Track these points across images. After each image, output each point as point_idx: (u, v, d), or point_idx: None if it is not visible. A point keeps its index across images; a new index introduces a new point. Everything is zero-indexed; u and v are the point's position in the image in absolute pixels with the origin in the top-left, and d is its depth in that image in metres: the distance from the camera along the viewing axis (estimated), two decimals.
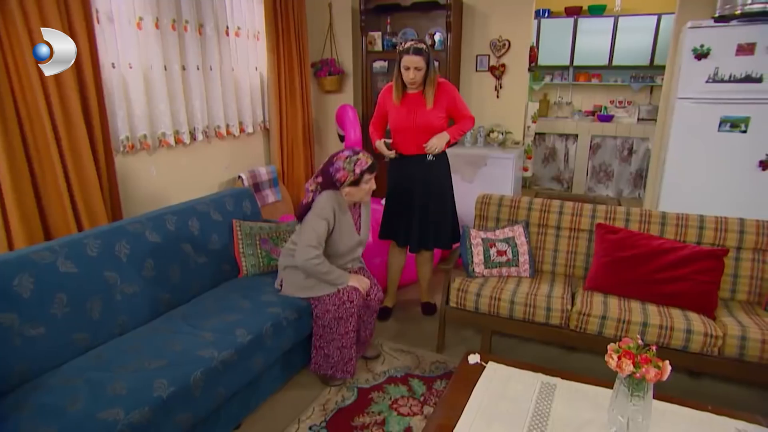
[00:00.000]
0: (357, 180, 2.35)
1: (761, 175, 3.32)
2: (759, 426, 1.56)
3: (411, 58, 2.68)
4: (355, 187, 2.38)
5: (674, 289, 2.37)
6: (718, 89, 3.30)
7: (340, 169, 2.34)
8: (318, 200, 2.36)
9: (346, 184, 2.36)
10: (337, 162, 2.36)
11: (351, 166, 2.34)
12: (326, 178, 2.38)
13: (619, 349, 1.40)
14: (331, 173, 2.36)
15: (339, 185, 2.36)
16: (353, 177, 2.34)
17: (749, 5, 3.18)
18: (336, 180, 2.35)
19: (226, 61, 3.57)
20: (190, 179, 3.40)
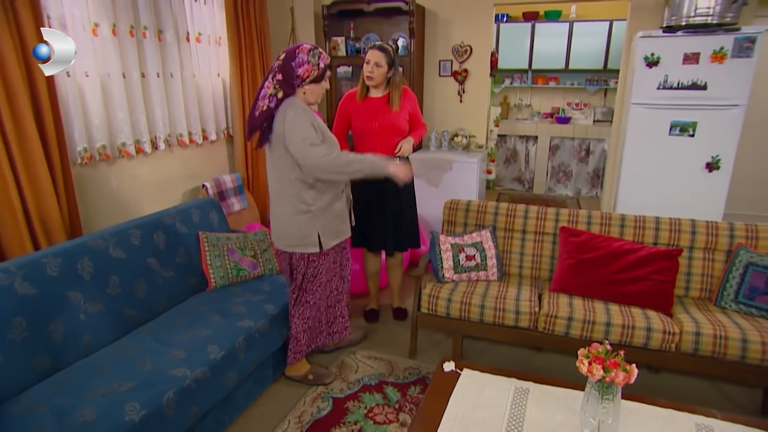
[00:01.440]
0: (320, 76, 2.14)
1: (708, 177, 3.52)
2: (715, 419, 1.66)
3: (374, 53, 2.69)
4: (316, 85, 2.15)
5: (634, 289, 2.49)
6: (668, 96, 3.48)
7: (304, 63, 2.08)
8: (284, 108, 2.09)
9: (308, 80, 2.11)
10: (301, 55, 2.09)
11: (315, 59, 2.11)
12: (287, 75, 2.09)
13: (589, 355, 1.46)
14: (292, 67, 2.08)
15: (299, 83, 2.11)
16: (317, 72, 2.12)
17: (692, 17, 3.37)
18: (297, 76, 2.09)
19: (187, 67, 3.48)
20: (153, 190, 3.30)
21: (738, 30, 3.31)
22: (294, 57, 2.10)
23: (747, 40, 3.30)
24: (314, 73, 2.12)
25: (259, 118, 2.14)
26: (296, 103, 2.14)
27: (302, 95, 2.16)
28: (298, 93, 2.16)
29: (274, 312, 2.40)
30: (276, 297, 2.53)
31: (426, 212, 4.31)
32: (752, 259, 2.47)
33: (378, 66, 2.70)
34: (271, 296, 2.53)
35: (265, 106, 2.12)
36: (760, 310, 2.38)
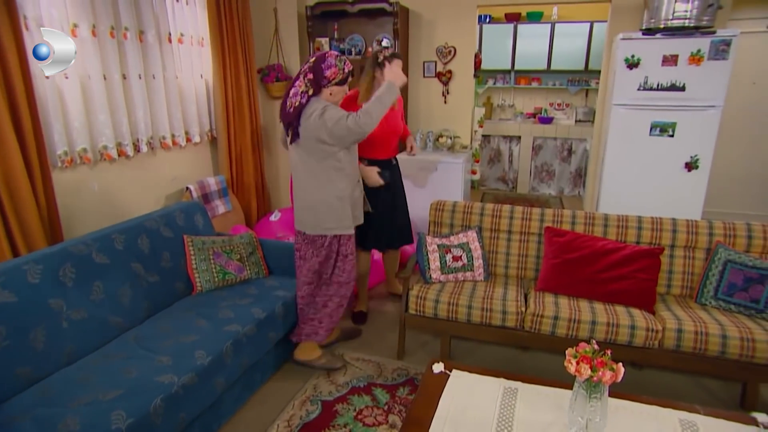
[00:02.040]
0: (344, 79, 2.37)
1: (687, 176, 3.60)
2: (698, 414, 1.70)
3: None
4: (339, 87, 2.38)
5: (618, 288, 2.53)
6: (648, 96, 3.54)
7: (332, 66, 2.32)
8: (312, 105, 2.32)
9: (333, 82, 2.33)
10: (329, 59, 2.32)
11: (342, 64, 2.34)
12: (316, 75, 2.32)
13: (576, 354, 1.49)
14: (322, 69, 2.31)
15: (326, 84, 2.33)
16: (342, 76, 2.34)
17: (671, 20, 3.44)
18: (324, 77, 2.31)
19: (169, 68, 3.44)
20: (136, 193, 3.25)
21: (714, 33, 3.38)
22: (324, 60, 2.32)
23: (722, 42, 3.38)
24: (339, 76, 2.34)
25: (293, 113, 2.35)
26: (322, 100, 2.35)
27: (328, 95, 2.37)
28: (324, 93, 2.36)
29: (261, 316, 2.38)
30: (263, 301, 2.51)
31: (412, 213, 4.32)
32: (730, 257, 2.53)
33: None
34: (259, 300, 2.51)
35: (297, 102, 2.34)
36: (738, 306, 2.44)
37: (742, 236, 2.60)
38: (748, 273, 2.45)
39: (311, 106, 2.32)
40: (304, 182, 2.47)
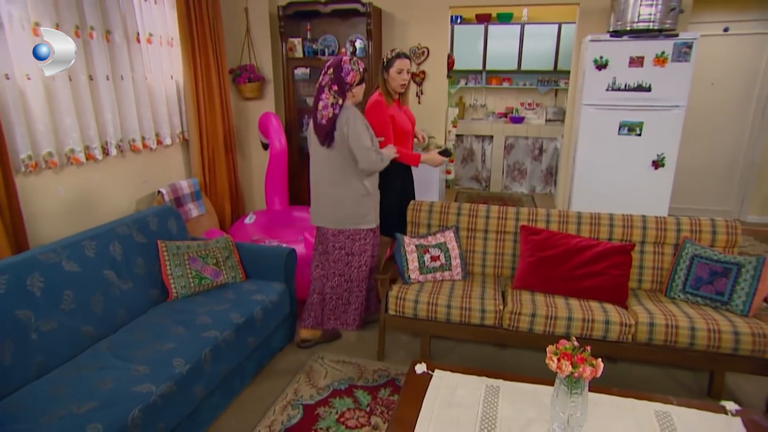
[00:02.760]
0: (362, 79, 2.63)
1: (654, 174, 3.72)
2: (672, 405, 1.76)
3: (404, 61, 2.89)
4: (359, 87, 2.64)
5: (592, 284, 2.60)
6: (616, 97, 3.65)
7: (351, 71, 2.57)
8: (344, 114, 2.56)
9: (355, 84, 2.59)
10: (345, 66, 2.56)
11: (357, 66, 2.59)
12: (340, 84, 2.56)
13: (557, 352, 1.52)
14: (342, 77, 2.55)
15: (348, 88, 2.57)
16: (360, 76, 2.60)
17: (636, 23, 3.55)
18: (347, 83, 2.56)
19: (138, 69, 3.34)
20: (105, 198, 3.15)
21: (676, 36, 3.51)
22: (341, 69, 2.56)
23: (685, 45, 3.51)
24: (358, 77, 2.59)
25: (327, 124, 2.58)
26: (352, 109, 2.60)
27: (351, 97, 2.61)
28: (348, 96, 2.59)
29: (239, 321, 2.35)
30: (241, 306, 2.47)
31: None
32: (697, 252, 2.63)
33: (408, 73, 2.95)
34: (236, 305, 2.47)
35: (330, 114, 2.58)
36: (704, 299, 2.54)
37: (707, 231, 2.70)
38: (714, 267, 2.55)
39: (343, 114, 2.57)
40: (333, 181, 2.70)
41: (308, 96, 4.67)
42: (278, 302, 2.66)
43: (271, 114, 4.23)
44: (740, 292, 2.45)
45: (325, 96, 2.59)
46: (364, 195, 2.72)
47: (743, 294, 2.44)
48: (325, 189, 2.74)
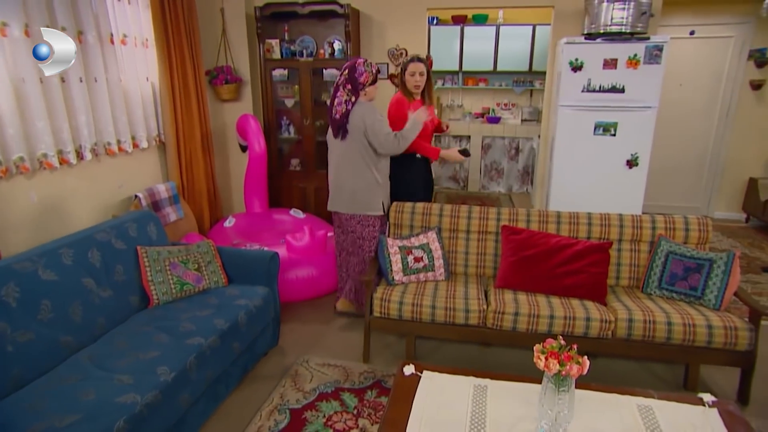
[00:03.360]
0: (374, 80, 2.90)
1: (628, 173, 3.83)
2: (653, 399, 1.82)
3: (417, 65, 3.16)
4: (372, 86, 2.92)
5: (572, 282, 2.66)
6: (591, 98, 3.74)
7: (364, 72, 2.86)
8: (358, 108, 2.87)
9: (368, 84, 2.87)
10: (359, 67, 2.86)
11: (370, 68, 2.89)
12: (353, 84, 2.86)
13: (545, 350, 1.55)
14: (355, 77, 2.85)
15: (361, 87, 2.86)
16: (372, 77, 2.88)
17: (609, 26, 3.65)
18: (360, 83, 2.85)
19: (112, 71, 3.27)
20: (80, 204, 3.07)
21: (648, 39, 3.61)
22: (355, 70, 2.87)
23: (656, 48, 3.61)
24: (370, 78, 2.88)
25: (341, 119, 2.90)
26: (365, 104, 2.91)
27: (363, 95, 2.90)
28: (360, 95, 2.89)
29: (224, 327, 2.32)
30: (225, 311, 2.44)
31: None
32: (671, 248, 2.71)
33: (421, 75, 3.18)
34: (220, 310, 2.44)
35: (343, 109, 2.89)
36: (679, 294, 2.63)
37: (681, 229, 2.80)
38: (687, 263, 2.64)
39: (356, 110, 2.87)
40: (346, 171, 3.00)
41: (286, 97, 4.64)
42: (262, 306, 2.64)
43: (249, 116, 4.18)
44: (712, 287, 2.54)
45: (340, 94, 2.89)
46: (374, 184, 2.99)
47: (715, 289, 2.53)
48: (340, 178, 3.04)
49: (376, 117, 2.89)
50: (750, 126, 5.40)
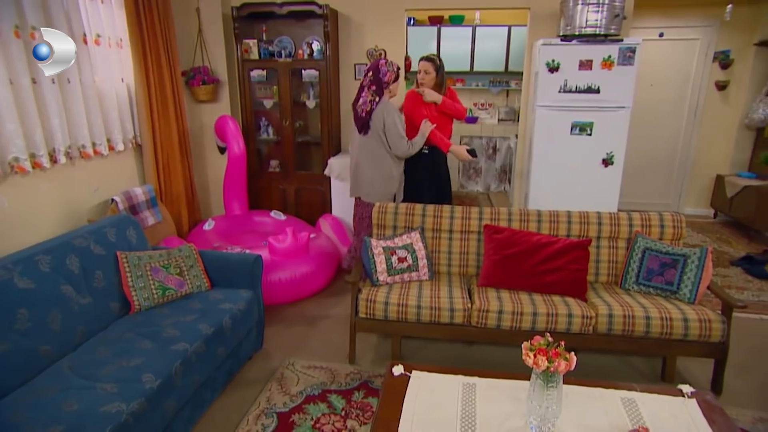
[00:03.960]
0: (397, 76, 3.19)
1: (604, 171, 3.92)
2: (636, 392, 1.87)
3: (422, 63, 3.45)
4: (395, 84, 3.20)
5: (553, 279, 2.71)
6: (568, 98, 3.82)
7: (387, 72, 3.16)
8: (380, 107, 3.15)
9: (391, 81, 3.16)
10: (382, 68, 3.16)
11: (392, 67, 3.18)
12: (378, 84, 3.16)
13: (533, 348, 1.58)
14: (380, 77, 3.16)
15: (386, 85, 3.16)
16: (395, 75, 3.17)
17: (584, 28, 3.73)
18: (384, 82, 3.15)
19: (86, 72, 3.18)
20: (54, 209, 2.99)
21: (621, 41, 3.71)
22: (379, 71, 3.18)
23: (629, 49, 3.71)
24: (393, 76, 3.18)
25: (365, 117, 3.20)
26: (388, 105, 3.18)
27: (388, 93, 3.20)
28: (385, 93, 3.18)
29: (209, 332, 2.29)
30: (209, 315, 2.41)
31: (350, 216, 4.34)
32: (648, 245, 2.79)
33: (427, 73, 3.42)
34: (204, 315, 2.41)
35: (368, 108, 3.18)
36: (656, 289, 2.71)
37: (656, 225, 2.88)
38: (663, 258, 2.72)
39: (379, 109, 3.16)
40: (367, 163, 3.31)
41: (265, 98, 4.60)
42: (246, 310, 2.61)
43: (227, 117, 4.14)
44: (687, 282, 2.63)
45: (365, 94, 3.19)
46: (389, 176, 3.30)
47: (690, 283, 2.62)
48: (361, 168, 3.35)
49: (395, 120, 3.16)
50: (716, 125, 5.59)
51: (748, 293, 3.76)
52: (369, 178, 3.32)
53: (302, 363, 2.79)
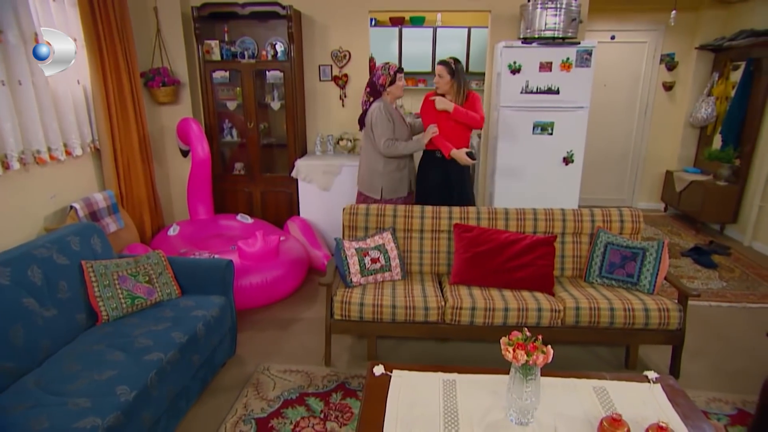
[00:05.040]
0: (393, 79, 3.35)
1: (565, 169, 4.07)
2: (606, 380, 1.97)
3: (438, 67, 3.49)
4: (393, 86, 3.37)
5: (522, 275, 2.80)
6: (529, 99, 3.94)
7: (381, 75, 3.35)
8: (372, 107, 3.36)
9: (387, 85, 3.34)
10: (377, 72, 3.37)
11: (387, 70, 3.35)
12: (372, 87, 3.40)
13: (511, 343, 1.64)
14: (374, 81, 3.37)
15: (382, 89, 3.36)
16: (390, 78, 3.33)
17: (543, 31, 3.86)
18: (379, 85, 3.36)
19: (38, 73, 3.02)
20: (7, 217, 2.84)
21: (578, 44, 3.86)
22: (374, 74, 3.41)
23: (586, 52, 3.87)
24: (389, 79, 3.36)
25: (362, 114, 3.49)
26: (379, 105, 3.36)
27: (387, 95, 3.41)
28: (384, 95, 3.41)
29: (183, 340, 2.24)
30: (182, 323, 2.36)
31: (319, 218, 4.33)
32: (609, 239, 2.93)
33: (440, 77, 3.44)
34: (177, 323, 2.35)
35: (364, 107, 3.47)
36: (618, 282, 2.84)
37: (617, 221, 3.02)
38: (624, 252, 2.86)
39: (371, 109, 3.39)
40: (361, 155, 3.59)
41: (228, 100, 4.52)
42: (219, 317, 2.57)
43: (190, 120, 4.04)
44: (646, 273, 2.77)
45: (363, 96, 3.47)
46: (374, 170, 3.46)
47: (648, 275, 2.77)
48: (360, 160, 3.62)
49: (379, 121, 3.31)
50: (664, 123, 5.90)
51: (698, 282, 4.00)
52: (361, 169, 3.58)
53: (277, 367, 2.77)
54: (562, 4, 3.76)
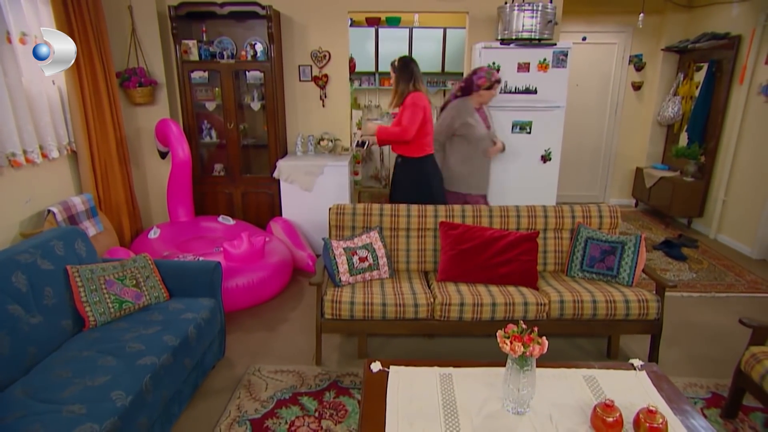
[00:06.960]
0: (490, 86, 3.51)
1: (542, 167, 4.19)
2: (595, 369, 2.05)
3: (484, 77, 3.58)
4: (487, 91, 3.52)
5: (507, 270, 2.88)
6: (508, 99, 4.03)
7: (483, 77, 3.51)
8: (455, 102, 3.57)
9: (483, 87, 3.49)
10: (480, 72, 3.52)
11: (490, 75, 3.50)
12: (467, 84, 3.56)
13: (507, 335, 1.69)
14: (473, 80, 3.52)
15: (477, 89, 3.51)
16: (489, 84, 3.49)
17: (521, 32, 3.96)
18: (476, 85, 3.50)
19: (11, 73, 2.94)
20: None
21: (554, 45, 3.97)
22: (475, 73, 3.55)
23: (561, 53, 3.99)
24: (486, 84, 3.51)
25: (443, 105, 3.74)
26: (458, 104, 3.56)
27: (478, 96, 3.56)
28: (474, 95, 3.57)
29: (175, 343, 2.21)
30: (172, 327, 2.33)
31: (301, 218, 4.33)
32: (589, 234, 3.03)
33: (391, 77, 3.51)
34: (167, 326, 2.33)
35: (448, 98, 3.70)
36: (599, 275, 2.95)
37: (596, 216, 3.13)
38: (603, 246, 2.97)
39: (452, 103, 3.58)
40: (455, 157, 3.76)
41: (207, 100, 4.47)
42: (210, 319, 2.55)
43: (169, 121, 3.98)
44: (625, 266, 2.88)
45: (456, 87, 3.63)
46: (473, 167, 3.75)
47: (627, 268, 2.88)
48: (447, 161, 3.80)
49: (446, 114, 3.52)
50: (634, 122, 6.12)
51: (670, 274, 4.17)
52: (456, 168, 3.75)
53: (268, 368, 2.77)
54: (539, 7, 3.86)
